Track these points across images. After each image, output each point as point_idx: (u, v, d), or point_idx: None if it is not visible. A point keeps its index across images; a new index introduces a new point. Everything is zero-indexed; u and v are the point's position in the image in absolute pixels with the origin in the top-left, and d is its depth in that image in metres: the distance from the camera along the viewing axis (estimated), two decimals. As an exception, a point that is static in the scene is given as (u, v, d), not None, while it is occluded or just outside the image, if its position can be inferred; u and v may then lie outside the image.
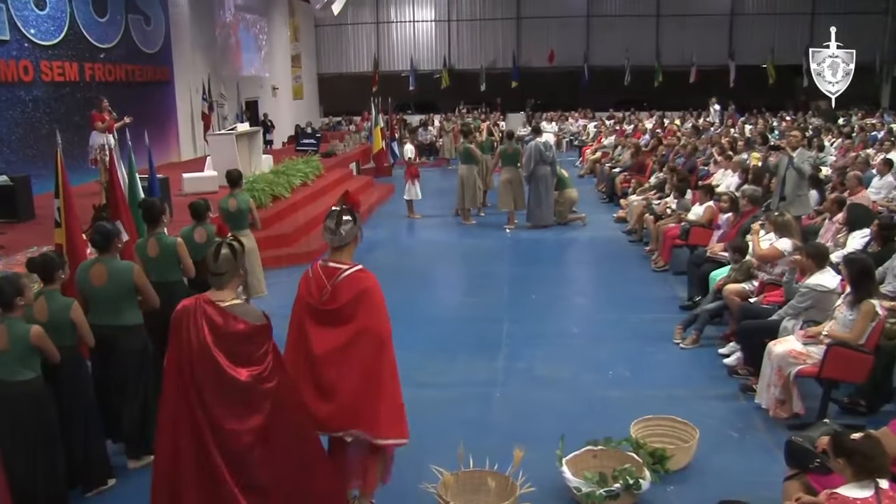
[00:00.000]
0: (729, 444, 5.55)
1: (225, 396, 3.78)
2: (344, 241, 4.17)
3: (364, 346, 4.12)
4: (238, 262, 3.90)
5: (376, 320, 4.15)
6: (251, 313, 3.88)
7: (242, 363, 3.80)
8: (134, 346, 5.28)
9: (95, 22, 15.70)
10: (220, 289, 3.88)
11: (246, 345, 3.82)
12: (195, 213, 6.94)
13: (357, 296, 4.10)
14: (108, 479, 5.08)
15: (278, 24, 28.44)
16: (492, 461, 4.81)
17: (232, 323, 3.79)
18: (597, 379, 6.80)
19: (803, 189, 9.25)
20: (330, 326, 4.13)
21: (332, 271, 4.15)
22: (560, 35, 33.38)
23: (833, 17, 30.95)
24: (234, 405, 3.80)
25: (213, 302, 3.82)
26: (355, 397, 4.12)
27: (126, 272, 5.24)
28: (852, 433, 3.57)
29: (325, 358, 4.11)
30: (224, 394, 3.78)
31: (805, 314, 6.12)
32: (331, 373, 4.12)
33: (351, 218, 4.16)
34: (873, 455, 3.38)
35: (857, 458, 3.37)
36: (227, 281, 3.89)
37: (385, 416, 4.14)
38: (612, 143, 20.32)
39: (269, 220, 11.87)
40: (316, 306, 4.15)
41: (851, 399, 5.98)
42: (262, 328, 3.86)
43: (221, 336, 3.78)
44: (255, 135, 15.08)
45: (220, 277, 3.86)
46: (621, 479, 4.54)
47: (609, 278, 10.46)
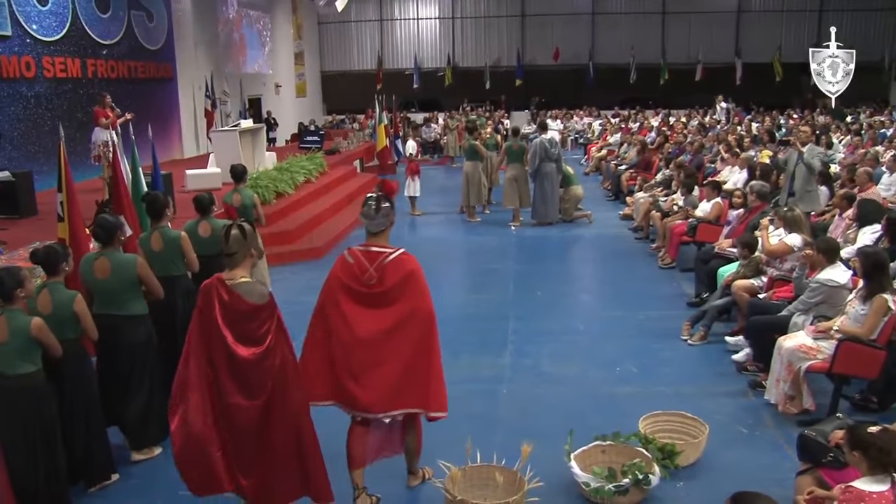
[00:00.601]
0: (738, 440, 5.49)
1: (232, 371, 4.00)
2: (382, 225, 4.36)
3: (414, 326, 4.30)
4: (248, 241, 4.06)
5: (423, 301, 4.33)
6: (254, 292, 3.98)
7: (245, 341, 3.97)
8: (139, 336, 5.26)
9: (98, 18, 15.67)
10: (231, 268, 4.05)
11: (248, 322, 3.97)
12: (199, 208, 6.87)
13: (404, 278, 4.28)
14: (111, 475, 5.03)
15: (281, 21, 28.41)
16: (499, 456, 4.76)
17: (236, 301, 3.96)
18: (604, 375, 6.74)
19: (812, 185, 9.17)
20: (375, 308, 4.28)
21: (374, 255, 4.31)
22: (565, 32, 33.33)
23: (841, 14, 30.95)
24: (240, 381, 4.00)
25: (224, 280, 4.01)
26: (405, 377, 4.29)
27: (129, 265, 5.20)
28: (869, 426, 3.49)
29: (370, 339, 4.25)
30: (231, 369, 3.99)
31: (815, 309, 6.05)
32: (375, 354, 4.26)
33: (388, 204, 4.36)
34: (890, 449, 3.31)
35: (873, 452, 3.30)
36: (239, 261, 4.04)
37: (435, 392, 4.38)
38: (617, 140, 20.23)
39: (273, 216, 11.83)
40: (359, 289, 4.29)
41: (863, 395, 5.90)
42: (263, 307, 3.97)
43: (228, 313, 3.97)
44: (258, 131, 15.03)
45: (232, 257, 4.04)
46: (630, 475, 4.48)
47: (615, 275, 10.39)
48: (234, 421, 4.04)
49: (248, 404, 4.01)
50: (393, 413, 4.35)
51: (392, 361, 4.27)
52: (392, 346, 4.27)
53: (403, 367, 4.29)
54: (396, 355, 4.27)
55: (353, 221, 13.61)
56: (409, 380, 4.31)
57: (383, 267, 4.27)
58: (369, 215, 4.35)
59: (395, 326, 4.28)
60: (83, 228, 6.41)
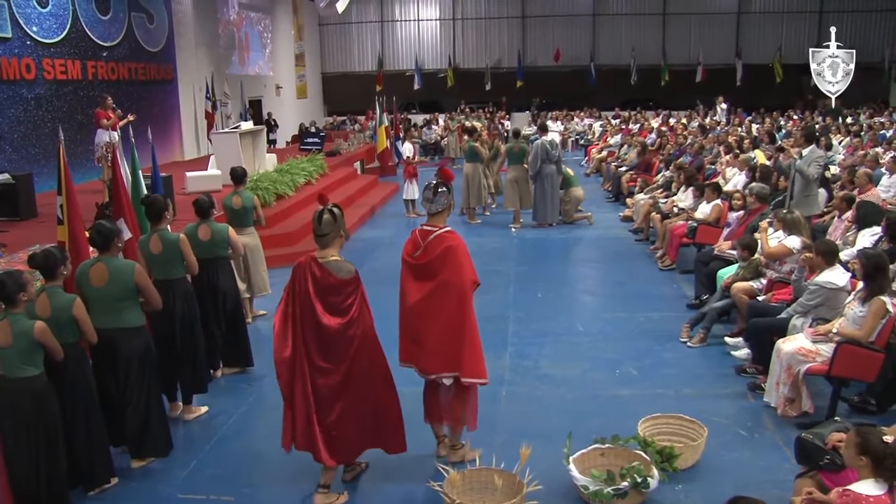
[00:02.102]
0: (738, 443, 5.49)
1: (320, 339, 4.53)
2: (439, 207, 4.91)
3: (446, 297, 4.78)
4: (338, 224, 4.56)
5: (458, 275, 4.80)
6: (342, 269, 4.52)
7: (333, 312, 4.50)
8: (136, 347, 5.21)
9: (98, 20, 15.68)
10: (323, 248, 4.56)
11: (335, 295, 4.50)
12: (199, 211, 6.87)
13: (443, 252, 4.79)
14: (110, 478, 5.03)
15: (282, 23, 28.43)
16: (499, 459, 4.76)
17: (326, 276, 4.49)
18: (604, 377, 6.74)
19: (811, 189, 9.13)
20: (421, 280, 4.86)
21: (426, 233, 4.89)
22: (566, 34, 33.35)
23: (841, 15, 30.94)
24: (327, 347, 4.55)
25: (316, 258, 4.53)
26: (441, 343, 4.81)
27: (127, 272, 5.16)
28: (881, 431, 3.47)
29: (416, 307, 4.84)
30: (319, 336, 4.52)
31: (814, 312, 6.05)
32: (421, 321, 4.84)
33: (445, 189, 4.90)
34: None
35: (888, 462, 3.27)
36: (330, 241, 4.54)
37: (467, 359, 4.80)
38: (617, 142, 20.22)
39: (274, 218, 11.82)
40: (411, 262, 4.90)
41: (861, 398, 5.90)
42: (348, 281, 4.51)
43: (319, 287, 4.50)
44: (258, 133, 15.03)
45: (324, 238, 4.54)
46: (629, 478, 4.48)
47: (615, 277, 10.39)
48: (318, 381, 4.58)
49: (331, 367, 4.56)
50: (441, 375, 4.87)
51: (433, 329, 4.82)
52: (431, 315, 4.82)
53: (440, 334, 4.81)
54: (435, 323, 4.81)
55: (354, 223, 13.61)
56: (445, 346, 4.81)
57: (428, 242, 4.83)
58: (429, 198, 4.90)
59: (431, 295, 4.81)
60: (83, 231, 6.39)
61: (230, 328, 6.86)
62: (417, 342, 4.88)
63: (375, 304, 4.83)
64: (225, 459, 5.49)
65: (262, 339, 7.94)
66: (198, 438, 5.81)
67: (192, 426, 6.02)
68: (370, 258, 11.28)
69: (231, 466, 5.39)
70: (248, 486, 5.16)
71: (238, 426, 6.02)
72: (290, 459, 5.46)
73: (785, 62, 31.89)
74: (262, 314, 8.67)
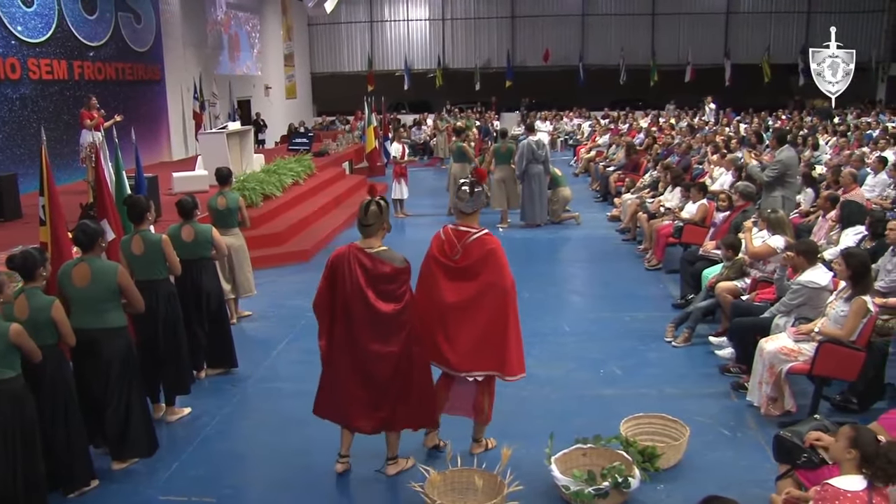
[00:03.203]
0: (720, 442, 5.49)
1: (372, 325, 4.71)
2: (472, 207, 4.99)
3: (491, 298, 4.89)
4: (384, 216, 4.73)
5: (500, 276, 4.90)
6: (396, 258, 4.71)
7: (386, 299, 4.68)
8: (118, 348, 5.17)
9: (84, 19, 15.61)
10: (368, 237, 4.73)
11: (390, 283, 4.69)
12: (182, 211, 6.85)
13: (485, 255, 4.89)
14: (90, 480, 4.99)
15: (271, 23, 28.37)
16: (480, 460, 4.76)
17: (379, 265, 4.67)
18: (588, 377, 6.74)
19: (773, 190, 9.14)
20: (460, 281, 4.93)
21: (462, 234, 4.95)
22: (555, 34, 33.42)
23: (829, 16, 31.10)
24: (379, 332, 4.72)
25: (363, 249, 4.70)
26: (482, 342, 4.91)
27: (110, 272, 5.13)
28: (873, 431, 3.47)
29: (455, 307, 4.91)
30: (372, 323, 4.70)
31: (797, 311, 6.07)
32: (459, 320, 4.91)
33: (480, 189, 5.01)
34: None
35: (879, 462, 3.27)
36: (374, 231, 4.72)
37: (513, 357, 4.95)
38: (606, 142, 20.25)
39: (261, 219, 11.80)
40: (447, 263, 4.96)
41: (843, 396, 5.92)
42: (403, 270, 4.72)
43: (370, 276, 4.67)
44: (246, 134, 14.98)
45: (369, 228, 4.71)
46: (610, 478, 4.48)
47: (602, 277, 10.40)
48: (370, 366, 4.77)
49: (386, 351, 4.74)
50: (474, 373, 4.96)
51: (472, 328, 4.90)
52: (472, 315, 4.90)
53: (481, 335, 4.90)
54: (475, 323, 4.89)
55: (342, 223, 13.60)
56: (486, 346, 4.91)
57: (467, 245, 4.90)
58: (463, 198, 4.98)
59: (473, 297, 4.89)
60: (65, 232, 6.35)
61: (214, 329, 6.83)
62: (450, 339, 4.94)
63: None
64: (207, 461, 5.46)
65: (247, 340, 7.95)
66: (180, 440, 5.78)
67: (175, 427, 5.99)
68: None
69: (213, 468, 5.37)
70: (231, 487, 5.13)
71: (221, 427, 5.99)
72: (272, 460, 5.49)
73: (773, 62, 32.08)
74: (247, 315, 8.64)
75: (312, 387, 6.63)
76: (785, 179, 9.09)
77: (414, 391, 4.87)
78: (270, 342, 7.92)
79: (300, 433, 5.90)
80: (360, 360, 4.79)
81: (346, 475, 5.15)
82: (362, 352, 4.77)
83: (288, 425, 6.06)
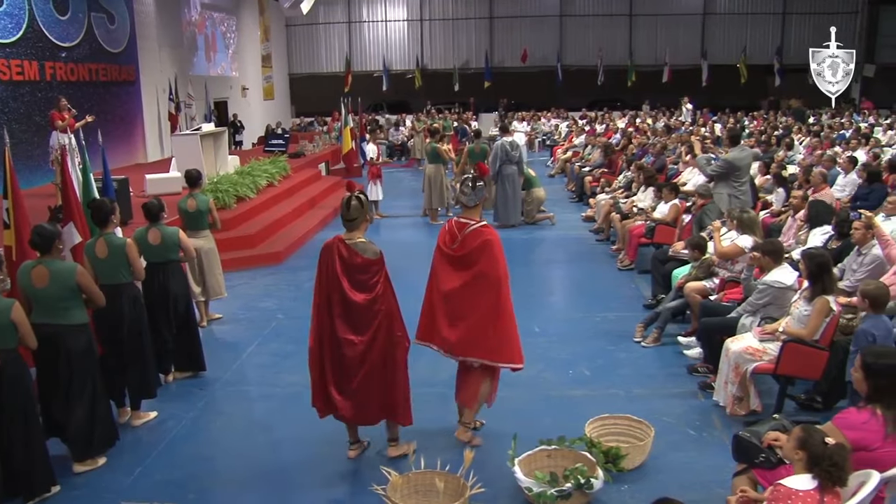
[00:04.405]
0: (686, 442, 5.52)
1: (347, 313, 4.95)
2: (474, 200, 5.29)
3: (482, 287, 5.16)
4: (364, 209, 5.00)
5: (494, 267, 5.17)
6: (368, 250, 4.93)
7: (360, 289, 4.92)
8: (79, 345, 5.16)
9: (56, 20, 15.41)
10: (350, 230, 4.98)
11: (362, 274, 4.93)
12: (148, 214, 6.79)
13: (480, 245, 5.16)
14: (51, 486, 4.93)
15: (248, 23, 28.23)
16: (444, 462, 4.72)
17: (353, 256, 4.92)
18: (557, 378, 6.75)
19: (719, 188, 9.19)
20: (456, 269, 5.24)
21: (462, 225, 5.26)
22: (533, 34, 33.50)
23: (802, 17, 31.43)
24: (351, 320, 4.96)
25: (344, 240, 4.96)
26: (475, 329, 5.16)
27: (68, 273, 5.10)
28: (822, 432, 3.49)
29: (451, 294, 5.22)
30: (346, 311, 4.95)
31: (763, 311, 6.11)
32: (456, 307, 5.21)
33: (482, 183, 5.30)
34: (845, 466, 3.32)
35: (825, 464, 3.29)
36: (357, 225, 4.98)
37: (504, 346, 5.21)
38: (582, 142, 20.30)
39: (234, 221, 11.74)
40: (447, 252, 5.28)
41: (808, 395, 5.96)
42: (374, 262, 4.93)
43: (346, 266, 4.93)
44: (220, 135, 14.86)
45: (352, 222, 4.97)
46: (572, 479, 4.48)
47: (575, 277, 10.43)
48: (344, 351, 4.96)
49: (356, 339, 4.94)
50: (468, 359, 5.27)
51: (468, 315, 5.18)
52: (467, 302, 5.18)
53: (475, 322, 5.17)
54: (471, 311, 5.17)
55: (316, 225, 13.56)
56: (479, 334, 5.17)
57: (465, 235, 5.20)
58: (466, 192, 5.27)
59: (467, 285, 5.18)
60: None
61: (182, 332, 6.79)
62: (451, 323, 5.22)
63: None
64: (172, 465, 5.42)
65: (217, 343, 7.91)
66: (145, 444, 5.73)
67: (140, 431, 5.94)
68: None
69: (178, 472, 5.32)
70: (196, 491, 5.09)
71: (187, 431, 5.95)
72: (238, 463, 5.46)
73: (750, 63, 32.29)
74: (217, 317, 8.59)
75: (280, 390, 6.69)
76: (731, 178, 9.11)
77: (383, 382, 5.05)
78: (240, 345, 7.88)
79: (266, 436, 5.89)
80: (336, 347, 4.99)
81: (314, 476, 5.17)
82: (337, 339, 4.97)
83: (254, 428, 6.04)
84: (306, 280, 9.88)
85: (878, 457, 3.52)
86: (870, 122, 23.07)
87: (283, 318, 8.61)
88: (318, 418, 5.29)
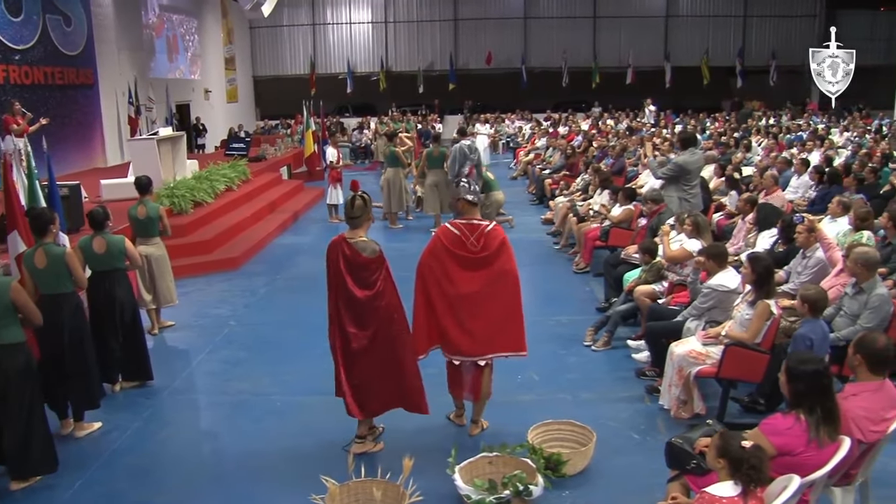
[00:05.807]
0: (629, 447, 5.55)
1: (350, 308, 5.16)
2: (478, 196, 5.61)
3: (506, 283, 5.42)
4: (368, 208, 5.24)
5: (511, 264, 5.46)
6: (368, 248, 5.13)
7: (361, 285, 5.12)
8: (15, 364, 5.03)
9: (9, 21, 15.13)
10: (353, 228, 5.20)
11: (363, 271, 5.13)
12: (93, 222, 6.68)
13: (500, 244, 5.40)
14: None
15: (210, 25, 28.00)
16: (385, 470, 4.71)
17: (354, 254, 5.12)
18: (505, 384, 6.65)
19: (668, 190, 9.29)
20: (476, 270, 5.39)
21: (474, 227, 5.41)
22: (497, 36, 33.55)
23: (763, 20, 31.91)
24: (355, 315, 5.17)
25: (347, 238, 5.16)
26: (500, 326, 5.42)
27: (2, 291, 4.96)
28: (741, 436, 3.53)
29: (471, 296, 5.37)
30: (350, 306, 5.16)
31: (707, 315, 6.17)
32: (476, 308, 5.37)
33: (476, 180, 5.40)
34: (762, 468, 3.36)
35: (744, 468, 3.34)
36: (361, 223, 5.20)
37: (521, 335, 5.55)
38: (544, 144, 20.39)
39: (190, 226, 11.64)
40: (464, 254, 5.38)
41: (751, 398, 6.04)
42: (373, 260, 5.12)
43: (348, 263, 5.13)
44: (178, 139, 14.70)
45: (356, 220, 5.19)
46: (511, 486, 4.49)
47: (530, 280, 10.33)
48: (350, 345, 5.17)
49: (360, 333, 5.16)
50: (488, 356, 5.50)
51: (489, 314, 5.37)
52: (489, 301, 5.36)
53: (499, 319, 5.40)
54: (493, 309, 5.37)
55: (275, 229, 13.47)
56: (503, 329, 5.44)
57: (485, 235, 5.35)
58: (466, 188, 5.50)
59: (490, 284, 5.37)
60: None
61: (128, 341, 6.71)
62: (464, 326, 5.38)
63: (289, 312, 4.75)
64: (114, 476, 5.36)
65: (167, 351, 7.85)
66: (87, 455, 5.65)
67: (83, 443, 5.86)
68: (288, 264, 11.14)
69: (119, 484, 5.27)
70: (137, 502, 5.04)
71: (131, 442, 5.88)
72: (181, 474, 5.41)
73: (712, 64, 32.64)
74: (169, 325, 8.50)
75: (229, 398, 6.64)
76: (681, 182, 9.20)
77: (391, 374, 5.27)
78: (190, 352, 7.81)
79: (211, 445, 5.86)
80: (346, 341, 5.19)
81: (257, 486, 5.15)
82: (345, 333, 5.17)
83: (200, 438, 6.01)
84: (261, 286, 9.84)
85: (801, 461, 3.57)
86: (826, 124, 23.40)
87: (236, 325, 8.55)
88: (263, 426, 5.28)
